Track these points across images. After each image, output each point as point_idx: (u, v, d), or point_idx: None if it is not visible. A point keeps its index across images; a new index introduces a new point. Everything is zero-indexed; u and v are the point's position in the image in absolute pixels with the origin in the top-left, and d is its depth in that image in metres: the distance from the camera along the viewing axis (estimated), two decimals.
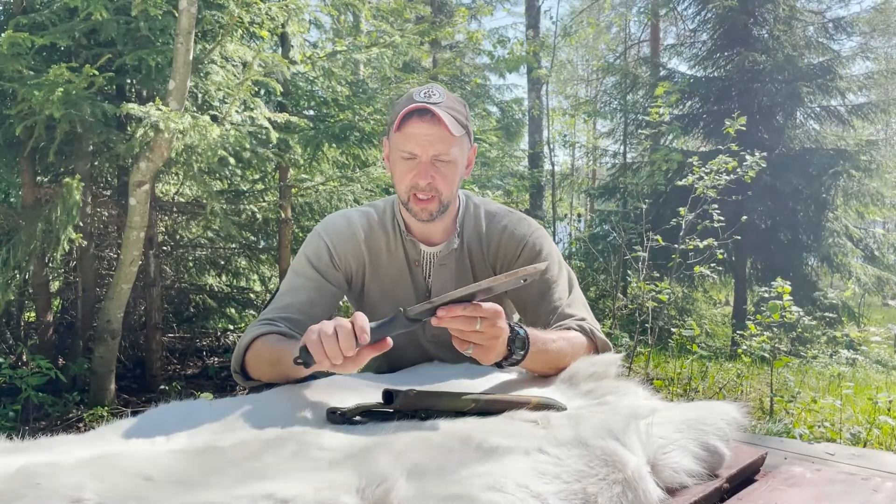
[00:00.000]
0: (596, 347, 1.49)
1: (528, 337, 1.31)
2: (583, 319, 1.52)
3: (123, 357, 4.69)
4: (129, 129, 4.40)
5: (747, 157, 5.22)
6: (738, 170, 5.10)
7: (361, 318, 1.10)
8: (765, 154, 5.31)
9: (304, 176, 5.53)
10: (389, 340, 1.13)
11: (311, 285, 1.53)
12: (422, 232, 1.60)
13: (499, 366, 1.33)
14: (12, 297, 4.21)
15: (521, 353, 1.30)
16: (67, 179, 3.79)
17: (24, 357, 4.02)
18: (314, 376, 1.40)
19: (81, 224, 4.09)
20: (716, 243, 4.87)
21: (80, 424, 3.76)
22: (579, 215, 13.13)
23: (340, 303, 1.71)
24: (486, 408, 1.13)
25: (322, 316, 1.53)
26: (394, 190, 1.59)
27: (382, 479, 0.79)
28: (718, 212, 4.91)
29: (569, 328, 1.49)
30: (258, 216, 5.28)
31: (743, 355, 4.70)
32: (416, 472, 0.85)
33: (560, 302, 1.54)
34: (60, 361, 4.43)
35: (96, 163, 4.67)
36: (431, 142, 1.45)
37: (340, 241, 1.58)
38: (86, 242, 4.18)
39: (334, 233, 1.59)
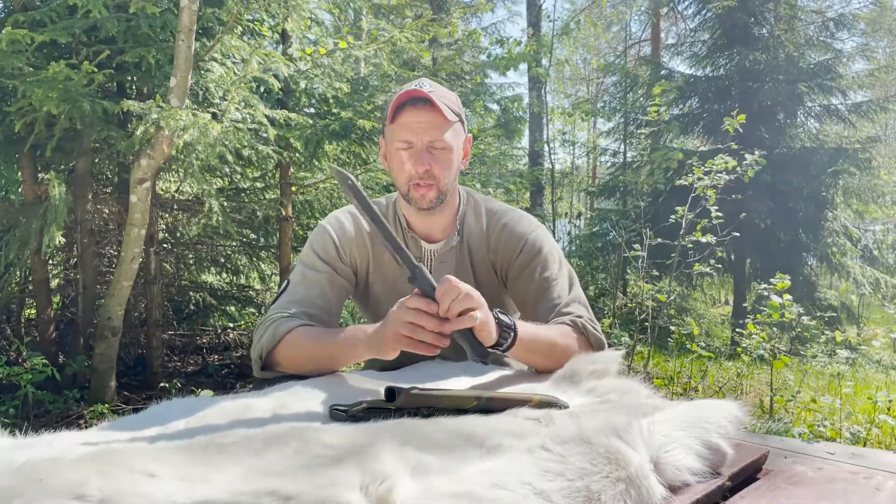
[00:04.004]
0: (589, 343, 1.50)
1: (514, 323, 1.32)
2: (579, 317, 1.52)
3: (124, 354, 4.69)
4: (130, 126, 4.40)
5: (747, 156, 5.21)
6: (738, 169, 5.09)
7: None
8: (764, 153, 5.31)
9: (304, 174, 5.53)
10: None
11: (322, 278, 1.53)
12: (422, 228, 1.61)
13: (496, 346, 1.31)
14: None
15: (510, 333, 1.30)
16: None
17: (24, 354, 4.01)
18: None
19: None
20: (714, 239, 4.87)
21: (81, 421, 3.76)
22: (579, 214, 13.12)
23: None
24: (488, 405, 1.13)
25: (336, 307, 1.55)
26: (394, 188, 1.59)
27: (385, 477, 0.79)
28: (716, 208, 4.91)
29: (563, 323, 1.49)
30: (258, 214, 5.28)
31: (743, 354, 4.70)
32: (419, 470, 0.85)
33: (559, 300, 1.54)
34: (61, 358, 4.43)
35: (97, 160, 4.66)
36: (426, 128, 1.45)
37: (345, 236, 1.58)
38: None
39: (339, 228, 1.59)
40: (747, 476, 1.11)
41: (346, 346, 1.32)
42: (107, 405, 3.90)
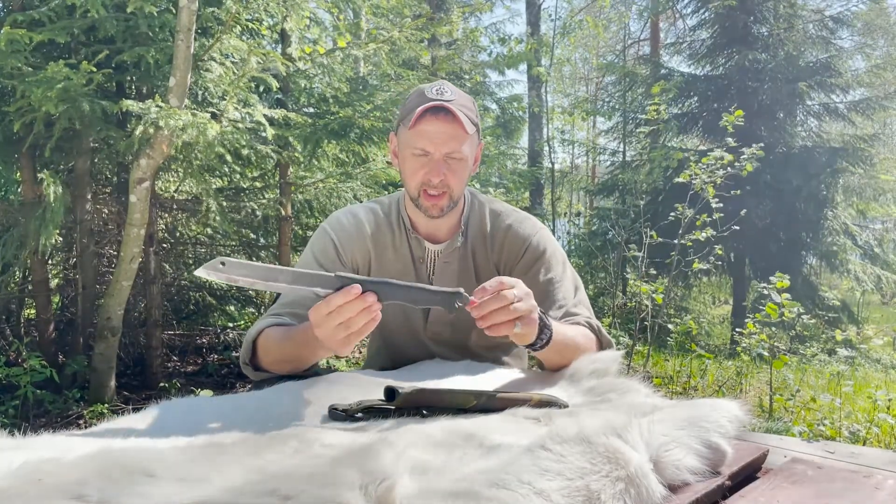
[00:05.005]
0: (601, 345, 1.51)
1: (549, 321, 1.33)
2: (589, 319, 1.55)
3: (123, 354, 4.68)
4: (129, 126, 4.39)
5: (744, 149, 5.17)
6: (736, 163, 5.06)
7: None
8: (762, 144, 5.29)
9: (303, 173, 5.52)
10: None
11: None
12: (427, 229, 1.61)
13: (530, 346, 1.32)
14: None
15: (547, 333, 1.31)
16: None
17: (23, 354, 4.01)
18: (316, 371, 1.40)
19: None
20: (714, 234, 4.86)
21: (81, 421, 3.76)
22: (578, 213, 13.13)
23: None
24: (488, 405, 1.13)
25: None
26: (393, 188, 1.59)
27: (385, 476, 0.79)
28: (716, 200, 4.90)
29: (578, 323, 1.51)
30: (258, 213, 5.27)
31: (742, 353, 4.70)
32: (418, 469, 0.85)
33: (564, 302, 1.56)
34: (60, 358, 4.43)
35: (96, 160, 4.66)
36: (445, 140, 1.45)
37: (346, 236, 1.58)
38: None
39: (340, 229, 1.59)
40: (747, 475, 1.11)
41: (305, 348, 1.32)
42: (106, 405, 3.89)
